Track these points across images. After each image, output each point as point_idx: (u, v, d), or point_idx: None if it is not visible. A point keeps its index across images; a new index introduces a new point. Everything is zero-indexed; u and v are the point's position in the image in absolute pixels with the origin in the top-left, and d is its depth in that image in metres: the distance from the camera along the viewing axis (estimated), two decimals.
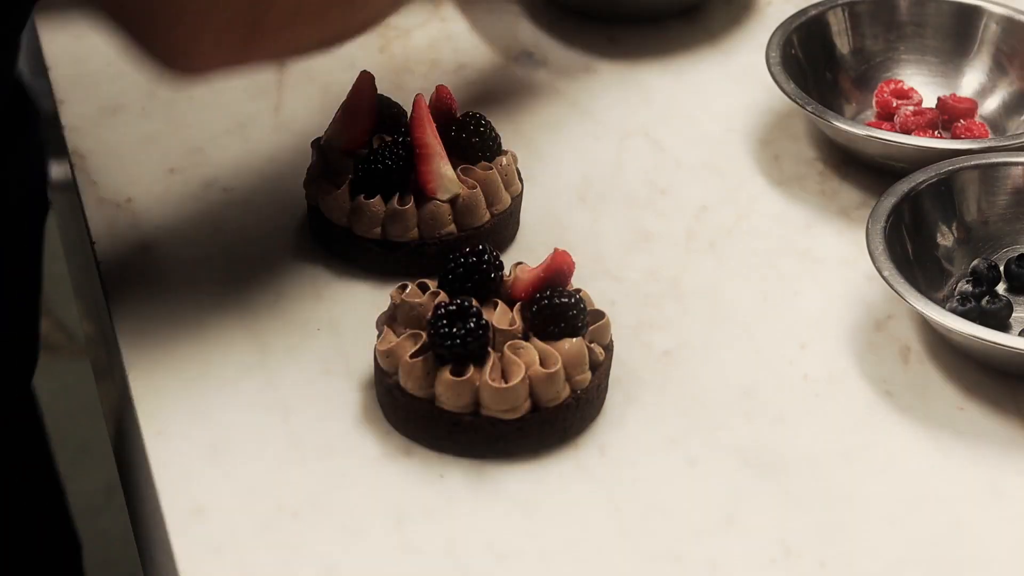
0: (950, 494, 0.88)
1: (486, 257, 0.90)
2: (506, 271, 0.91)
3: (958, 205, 1.01)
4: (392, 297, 0.91)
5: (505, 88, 1.17)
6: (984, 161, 1.02)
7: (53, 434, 1.27)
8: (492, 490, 0.87)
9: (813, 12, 1.14)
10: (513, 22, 1.24)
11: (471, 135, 1.00)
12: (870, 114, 1.13)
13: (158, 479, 0.86)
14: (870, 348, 0.96)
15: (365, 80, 1.00)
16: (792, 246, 1.03)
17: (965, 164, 1.02)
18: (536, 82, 1.18)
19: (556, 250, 0.90)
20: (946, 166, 1.01)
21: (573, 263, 0.90)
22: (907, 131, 1.09)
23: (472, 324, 0.86)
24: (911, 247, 0.98)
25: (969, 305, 0.95)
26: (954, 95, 1.13)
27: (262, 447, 0.88)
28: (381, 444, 0.89)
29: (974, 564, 0.84)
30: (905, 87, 1.13)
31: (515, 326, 0.89)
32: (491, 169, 1.00)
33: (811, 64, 1.13)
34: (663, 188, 1.08)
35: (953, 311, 0.93)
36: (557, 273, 0.90)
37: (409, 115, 0.99)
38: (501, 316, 0.89)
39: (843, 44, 1.15)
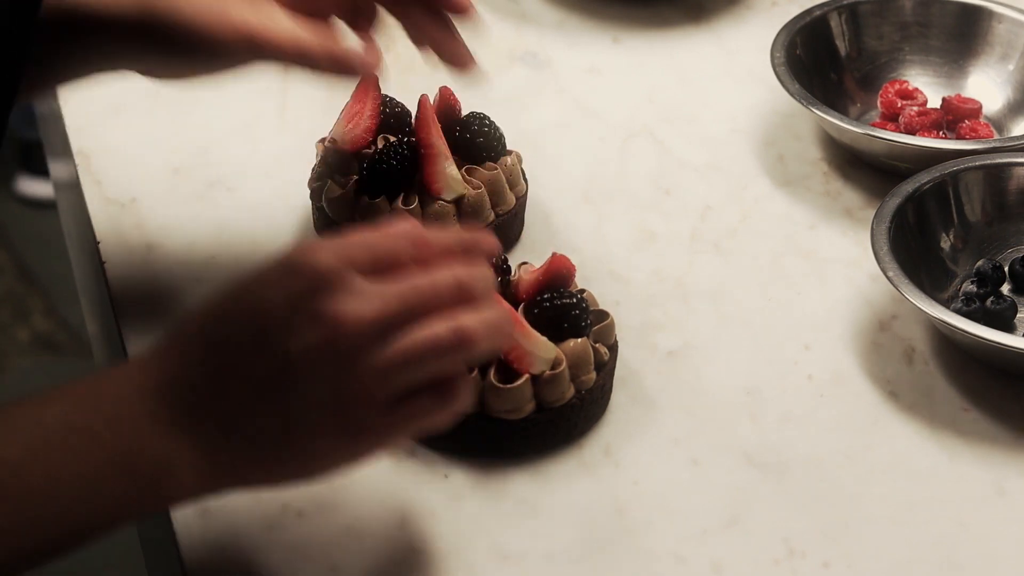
0: (954, 495, 0.88)
1: (491, 257, 0.90)
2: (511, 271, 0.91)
3: (962, 206, 1.01)
4: None
5: (509, 88, 1.17)
6: (989, 162, 1.02)
7: None
8: (497, 490, 0.87)
9: (817, 13, 1.14)
10: (517, 22, 1.24)
11: (475, 135, 1.00)
12: (875, 114, 1.13)
13: None
14: (874, 349, 0.96)
15: (370, 81, 1.00)
16: (796, 246, 1.03)
17: (970, 165, 1.02)
18: (540, 82, 1.18)
19: (555, 254, 0.90)
20: (951, 167, 1.01)
21: (573, 267, 0.90)
22: (912, 131, 1.09)
23: None
24: (915, 248, 0.98)
25: (974, 306, 0.95)
26: (959, 95, 1.13)
27: None
28: None
29: (978, 565, 0.84)
30: (910, 87, 1.13)
31: None
32: (496, 169, 0.99)
33: (815, 65, 1.13)
34: (667, 188, 1.08)
35: (958, 312, 0.93)
36: (556, 277, 0.89)
37: (414, 116, 0.99)
38: None
39: (847, 45, 1.15)
